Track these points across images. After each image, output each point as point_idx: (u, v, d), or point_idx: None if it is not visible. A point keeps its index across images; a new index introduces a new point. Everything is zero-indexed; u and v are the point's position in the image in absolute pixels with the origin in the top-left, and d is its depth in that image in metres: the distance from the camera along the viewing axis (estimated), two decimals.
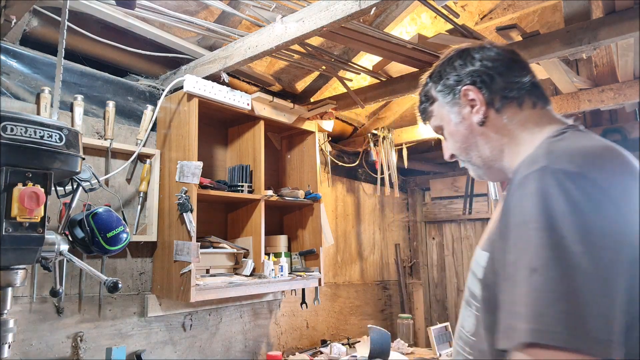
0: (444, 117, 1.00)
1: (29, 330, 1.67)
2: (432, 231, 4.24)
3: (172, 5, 1.93)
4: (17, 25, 1.66)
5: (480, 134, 0.93)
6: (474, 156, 0.97)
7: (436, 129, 1.05)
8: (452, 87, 0.96)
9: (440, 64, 1.01)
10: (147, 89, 2.15)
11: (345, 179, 3.47)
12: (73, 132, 1.05)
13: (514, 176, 0.80)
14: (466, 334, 0.88)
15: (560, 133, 0.82)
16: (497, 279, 0.76)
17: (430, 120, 1.06)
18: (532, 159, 0.76)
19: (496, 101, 0.91)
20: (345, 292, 3.34)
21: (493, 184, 2.86)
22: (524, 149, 0.86)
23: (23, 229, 0.95)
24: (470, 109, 0.94)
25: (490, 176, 1.00)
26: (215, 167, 2.43)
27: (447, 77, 0.97)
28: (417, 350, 3.01)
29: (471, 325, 0.86)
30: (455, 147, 1.01)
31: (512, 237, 0.71)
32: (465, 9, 2.64)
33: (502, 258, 0.74)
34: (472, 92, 0.92)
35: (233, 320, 2.43)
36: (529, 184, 0.70)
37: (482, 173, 1.00)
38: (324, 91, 2.77)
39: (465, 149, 0.97)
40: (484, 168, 0.97)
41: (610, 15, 1.75)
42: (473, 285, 0.87)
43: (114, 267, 1.96)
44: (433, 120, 1.04)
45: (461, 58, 0.96)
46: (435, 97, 1.01)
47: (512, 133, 0.90)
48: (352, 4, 1.44)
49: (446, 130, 1.01)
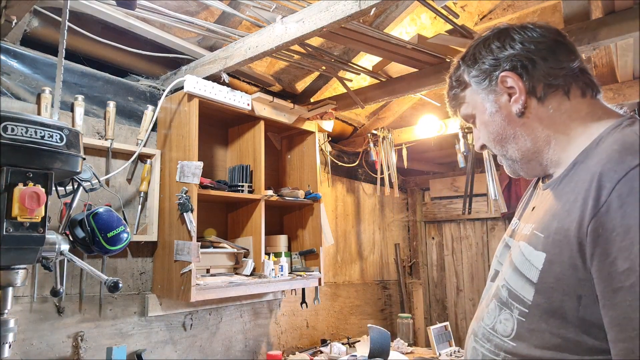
0: (477, 105, 0.90)
1: (30, 330, 1.68)
2: (432, 231, 4.25)
3: (173, 6, 1.93)
4: (18, 25, 1.66)
5: (521, 125, 0.84)
6: (511, 149, 0.87)
7: (466, 117, 0.96)
8: (488, 73, 0.86)
9: (475, 45, 0.91)
10: (148, 89, 2.15)
11: (345, 179, 3.47)
12: (74, 132, 1.05)
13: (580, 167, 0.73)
14: (500, 337, 0.82)
15: (632, 122, 0.75)
16: (562, 285, 0.71)
17: (460, 107, 0.95)
18: (627, 147, 0.68)
19: (539, 89, 0.82)
20: (345, 291, 3.34)
21: (493, 184, 2.86)
22: (579, 141, 0.79)
23: (24, 229, 0.96)
24: (508, 98, 0.85)
25: (528, 171, 0.90)
26: (216, 167, 2.43)
27: (483, 60, 0.87)
28: (417, 350, 3.01)
29: (508, 329, 0.80)
30: (488, 138, 0.91)
31: (625, 240, 0.62)
32: (464, 10, 2.64)
33: (575, 263, 0.68)
34: (510, 79, 0.83)
35: (233, 320, 2.43)
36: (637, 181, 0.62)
37: (519, 168, 0.90)
38: (324, 91, 2.78)
39: (500, 140, 0.88)
40: (521, 162, 0.88)
41: (610, 15, 1.75)
42: (520, 288, 0.79)
43: (115, 267, 1.96)
44: (464, 108, 0.94)
45: (499, 39, 0.86)
46: (469, 83, 0.91)
47: (560, 124, 0.81)
48: (352, 5, 1.44)
49: (479, 119, 0.91)
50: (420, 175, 4.25)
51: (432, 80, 2.26)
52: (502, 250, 0.98)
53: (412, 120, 3.34)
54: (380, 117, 3.30)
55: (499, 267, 0.95)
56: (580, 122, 0.81)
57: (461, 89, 0.93)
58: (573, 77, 0.83)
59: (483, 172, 2.98)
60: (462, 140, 2.99)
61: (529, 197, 0.98)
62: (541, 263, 0.74)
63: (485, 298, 0.95)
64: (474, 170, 3.15)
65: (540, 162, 0.86)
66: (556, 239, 0.73)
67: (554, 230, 0.74)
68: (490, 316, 0.86)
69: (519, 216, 0.98)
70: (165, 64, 2.19)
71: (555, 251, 0.73)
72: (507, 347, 0.80)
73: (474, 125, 0.95)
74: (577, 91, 0.82)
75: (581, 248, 0.68)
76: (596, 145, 0.76)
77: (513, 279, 0.81)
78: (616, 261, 0.63)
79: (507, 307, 0.82)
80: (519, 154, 0.87)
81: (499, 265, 0.95)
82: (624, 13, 1.73)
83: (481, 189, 3.34)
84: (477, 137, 0.96)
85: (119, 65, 2.07)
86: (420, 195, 4.31)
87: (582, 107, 0.82)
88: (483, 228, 3.95)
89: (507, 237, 0.98)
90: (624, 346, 0.63)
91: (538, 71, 0.82)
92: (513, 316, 0.79)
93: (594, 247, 0.66)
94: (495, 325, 0.84)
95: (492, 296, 0.89)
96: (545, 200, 0.83)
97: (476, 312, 0.96)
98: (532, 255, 0.77)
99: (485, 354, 0.84)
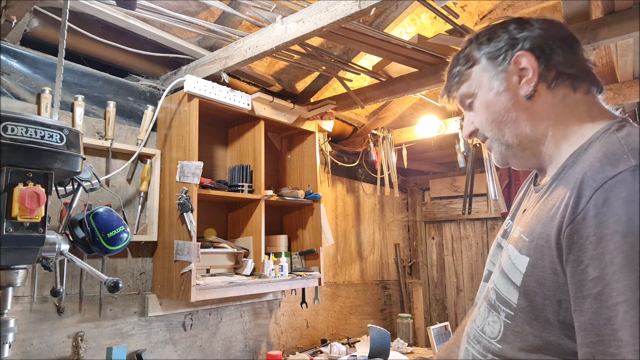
0: (483, 83, 0.86)
1: (30, 330, 1.68)
2: (432, 231, 4.25)
3: (173, 6, 1.93)
4: (18, 25, 1.66)
5: (525, 109, 0.82)
6: (509, 133, 0.84)
7: (464, 97, 0.91)
8: (504, 50, 0.83)
9: (489, 27, 0.89)
10: (148, 89, 2.15)
11: (345, 179, 3.47)
12: (74, 132, 1.05)
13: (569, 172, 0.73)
14: (488, 338, 0.83)
15: (620, 127, 0.74)
16: (543, 289, 0.71)
17: (461, 86, 0.91)
18: (608, 156, 0.68)
19: (550, 76, 0.81)
20: (345, 291, 3.34)
21: (493, 184, 2.86)
22: (572, 140, 0.79)
23: (24, 229, 0.96)
24: (519, 79, 0.82)
25: (521, 160, 0.88)
26: (216, 167, 2.43)
27: (499, 39, 0.85)
28: (417, 350, 3.01)
29: (495, 331, 0.81)
30: (485, 120, 0.87)
31: (597, 249, 0.62)
32: (464, 10, 2.64)
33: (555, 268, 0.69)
34: (526, 58, 0.81)
35: (233, 320, 2.43)
36: (620, 187, 0.62)
37: (512, 155, 0.87)
38: (324, 91, 2.78)
39: (499, 123, 0.85)
40: (517, 149, 0.85)
41: (610, 15, 1.75)
42: (506, 291, 0.79)
43: (115, 267, 1.96)
44: (465, 86, 0.90)
45: (517, 23, 0.85)
46: (478, 59, 0.87)
47: (560, 116, 0.80)
48: (352, 5, 1.44)
49: (481, 98, 0.87)
50: (420, 175, 4.25)
51: (432, 80, 2.26)
52: (494, 251, 0.98)
53: (412, 120, 3.35)
54: (380, 117, 3.30)
55: (491, 268, 0.95)
56: (577, 120, 0.80)
57: (467, 67, 0.89)
58: (584, 71, 0.82)
59: (483, 172, 2.98)
60: (462, 140, 2.99)
61: (522, 198, 0.98)
62: (525, 267, 0.75)
63: (479, 299, 0.96)
64: (474, 170, 3.15)
65: (535, 152, 0.85)
66: (539, 243, 0.74)
67: (537, 234, 0.75)
68: (481, 318, 0.87)
69: (511, 216, 0.98)
70: (165, 64, 2.19)
71: (537, 255, 0.73)
72: (494, 349, 0.81)
73: (469, 108, 0.92)
74: (584, 86, 0.82)
75: (560, 254, 0.69)
76: (584, 150, 0.75)
77: (500, 282, 0.82)
78: (587, 269, 0.64)
79: (494, 310, 0.82)
80: (517, 140, 0.85)
81: (492, 265, 0.95)
82: (624, 13, 1.73)
83: (481, 189, 3.34)
84: (469, 122, 0.92)
85: (119, 65, 2.07)
86: (420, 195, 4.31)
87: (582, 104, 0.81)
88: (483, 228, 3.95)
89: (500, 237, 0.98)
90: (586, 351, 0.64)
91: (554, 57, 0.81)
92: (500, 318, 0.80)
93: (568, 254, 0.67)
94: (484, 327, 0.85)
95: (483, 298, 0.90)
96: (535, 203, 0.83)
97: (472, 314, 0.96)
98: (517, 259, 0.78)
99: (475, 355, 0.85)
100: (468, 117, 0.92)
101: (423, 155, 3.89)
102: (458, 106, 0.96)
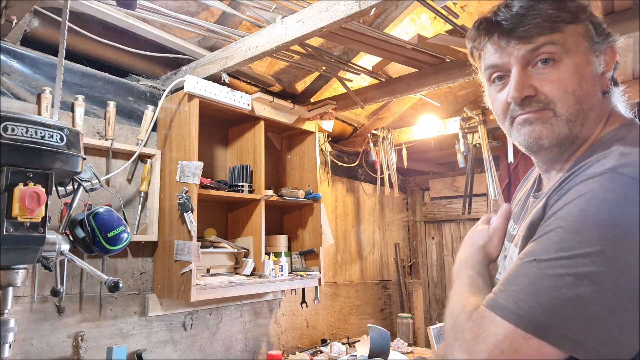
0: (580, 49, 0.73)
1: (30, 330, 1.68)
2: (432, 231, 4.25)
3: (173, 6, 1.93)
4: (18, 25, 1.67)
5: (599, 103, 0.75)
6: (580, 120, 0.73)
7: (545, 47, 0.72)
8: (605, 35, 0.76)
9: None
10: (148, 89, 2.16)
11: (345, 179, 3.47)
12: (74, 132, 1.06)
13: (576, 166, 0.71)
14: None
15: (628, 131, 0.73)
16: None
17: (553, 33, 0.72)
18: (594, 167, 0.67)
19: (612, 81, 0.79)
20: (345, 291, 3.34)
21: (493, 184, 2.86)
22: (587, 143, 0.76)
23: (24, 229, 0.96)
24: (604, 70, 0.76)
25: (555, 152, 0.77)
26: (216, 167, 2.43)
27: (600, 24, 0.76)
28: (417, 350, 3.01)
29: None
30: (571, 92, 0.72)
31: (549, 226, 0.64)
32: (464, 10, 2.64)
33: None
34: (616, 54, 0.77)
35: (233, 320, 2.43)
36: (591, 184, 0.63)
37: (559, 143, 0.75)
38: (323, 91, 2.78)
39: (581, 103, 0.72)
40: (569, 140, 0.74)
41: (610, 15, 1.76)
42: None
43: (115, 267, 1.96)
44: (558, 37, 0.72)
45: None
46: (583, 20, 0.74)
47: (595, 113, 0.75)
48: (352, 5, 1.44)
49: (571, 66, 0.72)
50: (420, 175, 4.25)
51: (432, 80, 2.26)
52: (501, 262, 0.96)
53: (411, 120, 3.35)
54: (380, 117, 3.30)
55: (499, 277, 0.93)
56: (597, 121, 0.76)
57: (569, 20, 0.73)
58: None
59: (483, 172, 2.98)
60: (462, 141, 2.99)
61: (525, 200, 0.96)
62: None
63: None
64: (473, 170, 3.15)
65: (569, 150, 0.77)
66: (527, 234, 0.73)
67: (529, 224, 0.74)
68: None
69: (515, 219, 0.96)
70: (166, 64, 2.19)
71: (524, 243, 0.72)
72: None
73: (533, 64, 0.74)
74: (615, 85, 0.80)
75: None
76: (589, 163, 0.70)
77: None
78: (536, 240, 0.66)
79: None
80: (579, 131, 0.74)
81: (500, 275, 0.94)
82: (624, 13, 1.73)
83: (481, 189, 3.34)
84: (525, 84, 0.74)
85: (119, 65, 2.07)
86: (420, 195, 4.31)
87: (610, 102, 0.78)
88: None
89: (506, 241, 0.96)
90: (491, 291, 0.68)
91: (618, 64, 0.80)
92: None
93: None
94: None
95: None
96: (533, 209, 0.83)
97: None
98: (515, 254, 0.78)
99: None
100: (523, 76, 0.74)
101: (423, 155, 3.89)
102: (514, 50, 0.75)
